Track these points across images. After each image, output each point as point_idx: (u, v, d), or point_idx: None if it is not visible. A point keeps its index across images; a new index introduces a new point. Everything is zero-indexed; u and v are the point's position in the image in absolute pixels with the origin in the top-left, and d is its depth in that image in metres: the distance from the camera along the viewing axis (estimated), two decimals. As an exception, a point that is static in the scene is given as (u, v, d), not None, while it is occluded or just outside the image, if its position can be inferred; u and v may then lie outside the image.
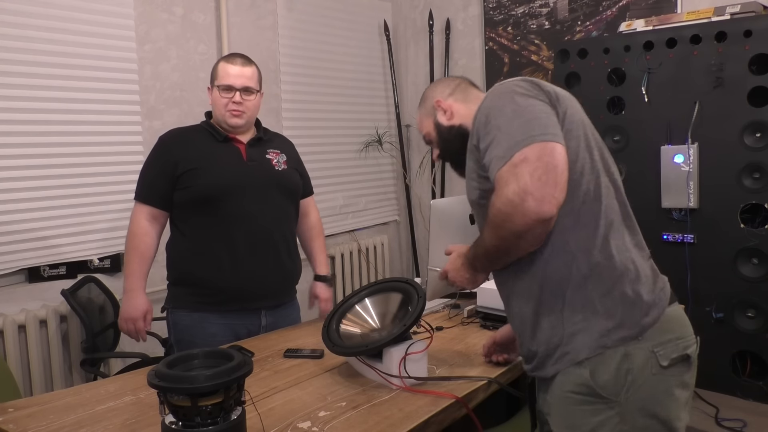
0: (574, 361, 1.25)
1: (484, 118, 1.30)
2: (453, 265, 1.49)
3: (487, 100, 1.33)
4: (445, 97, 1.55)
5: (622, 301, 1.25)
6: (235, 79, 2.06)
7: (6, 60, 2.46)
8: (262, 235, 2.08)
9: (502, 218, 1.22)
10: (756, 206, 2.67)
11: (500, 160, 1.22)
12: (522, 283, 1.34)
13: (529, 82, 1.33)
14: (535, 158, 1.18)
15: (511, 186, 1.19)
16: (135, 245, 2.07)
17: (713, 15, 2.75)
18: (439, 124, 1.54)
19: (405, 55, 4.43)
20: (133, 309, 2.05)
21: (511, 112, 1.26)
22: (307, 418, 1.39)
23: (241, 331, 2.10)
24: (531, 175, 1.17)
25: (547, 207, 1.17)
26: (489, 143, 1.27)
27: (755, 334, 2.68)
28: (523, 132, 1.22)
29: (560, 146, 1.22)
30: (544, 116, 1.25)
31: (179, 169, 2.04)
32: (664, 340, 1.25)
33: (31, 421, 1.41)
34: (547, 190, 1.17)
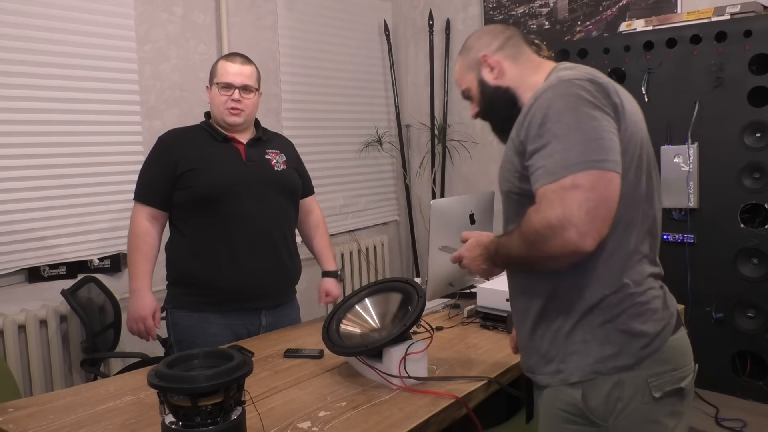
0: (566, 381, 1.23)
1: (539, 116, 1.18)
2: (470, 252, 1.41)
3: (548, 94, 1.20)
4: (494, 51, 1.39)
5: (624, 333, 1.20)
6: (234, 77, 2.06)
7: (6, 60, 2.46)
8: (261, 235, 2.08)
9: (538, 239, 1.14)
10: (756, 206, 2.67)
11: (549, 175, 1.13)
12: (531, 287, 1.29)
13: (598, 85, 1.20)
14: (589, 187, 1.09)
15: (555, 210, 1.10)
16: (138, 245, 2.07)
17: (713, 15, 2.75)
18: (484, 82, 1.41)
19: (405, 55, 4.43)
20: (142, 308, 2.04)
21: (573, 122, 1.14)
22: (307, 418, 1.39)
23: (241, 331, 2.10)
24: (580, 205, 1.09)
25: (589, 242, 1.09)
26: (540, 149, 1.16)
27: (755, 334, 2.68)
28: (582, 152, 1.12)
29: (618, 176, 1.13)
30: (608, 137, 1.14)
31: (179, 169, 2.04)
32: (660, 371, 1.20)
33: (31, 421, 1.41)
34: (594, 225, 1.09)
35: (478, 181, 4.17)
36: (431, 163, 4.26)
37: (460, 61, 1.48)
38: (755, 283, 2.67)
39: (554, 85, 1.21)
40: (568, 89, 1.18)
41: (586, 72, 1.24)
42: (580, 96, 1.17)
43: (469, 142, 4.15)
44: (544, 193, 1.14)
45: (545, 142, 1.15)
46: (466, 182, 4.23)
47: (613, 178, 1.12)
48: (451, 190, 4.27)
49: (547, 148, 1.15)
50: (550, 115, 1.16)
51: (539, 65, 1.39)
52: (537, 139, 1.17)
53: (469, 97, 1.47)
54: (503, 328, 1.97)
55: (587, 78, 1.20)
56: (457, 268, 2.23)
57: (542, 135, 1.16)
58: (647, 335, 1.20)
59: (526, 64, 1.38)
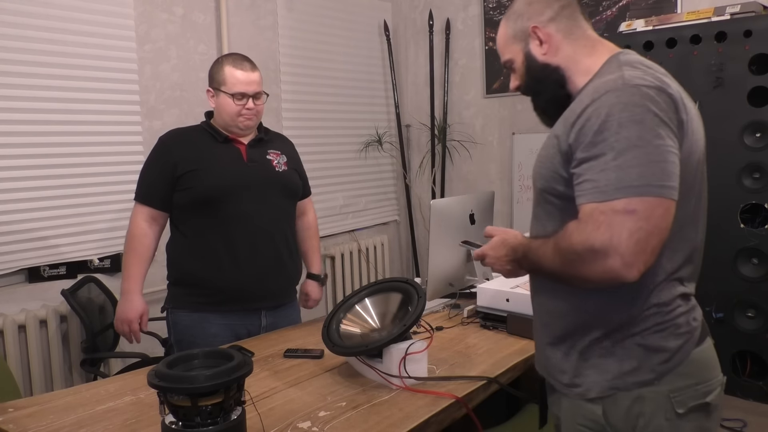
0: (584, 396, 1.17)
1: (597, 123, 1.06)
2: (495, 251, 1.32)
3: (610, 98, 1.07)
4: (545, 22, 1.24)
5: (643, 347, 1.14)
6: (248, 87, 2.04)
7: (6, 60, 2.46)
8: (262, 236, 2.08)
9: (576, 260, 1.06)
10: (756, 206, 2.67)
11: (599, 193, 1.03)
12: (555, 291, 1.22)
13: (668, 96, 1.08)
14: (643, 215, 1.00)
15: (601, 234, 1.02)
16: (133, 247, 2.08)
17: (713, 15, 2.75)
18: (531, 56, 1.27)
19: (405, 55, 4.43)
20: (129, 310, 2.06)
21: (636, 138, 1.03)
22: (307, 418, 1.39)
23: (241, 332, 2.10)
24: (631, 234, 1.00)
25: (634, 273, 1.01)
26: (591, 159, 1.06)
27: (755, 334, 2.68)
28: (642, 174, 1.01)
29: (674, 204, 1.04)
30: (671, 160, 1.04)
31: (179, 170, 2.04)
32: (683, 386, 1.13)
33: (31, 421, 1.41)
34: (642, 256, 1.01)
35: (478, 181, 4.17)
36: (431, 163, 4.26)
37: (505, 28, 1.31)
38: (755, 283, 2.67)
39: (618, 88, 1.08)
40: (633, 97, 1.06)
41: (655, 76, 1.10)
42: (647, 108, 1.05)
43: (469, 142, 4.15)
44: (590, 212, 1.04)
45: (599, 152, 1.05)
46: (466, 182, 4.23)
47: (670, 206, 1.03)
48: (451, 190, 4.27)
49: (601, 160, 1.04)
50: (609, 123, 1.05)
51: (595, 45, 1.25)
52: (590, 148, 1.06)
53: (512, 68, 1.33)
54: (503, 328, 1.97)
55: (657, 86, 1.08)
56: (457, 269, 2.25)
57: (597, 144, 1.05)
58: (668, 350, 1.13)
59: (581, 41, 1.24)
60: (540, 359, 1.31)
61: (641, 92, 1.06)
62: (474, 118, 4.14)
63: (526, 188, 3.90)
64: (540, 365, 1.32)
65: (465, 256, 2.28)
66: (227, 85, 2.04)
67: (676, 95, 1.10)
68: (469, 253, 2.28)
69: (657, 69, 1.16)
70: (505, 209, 3.99)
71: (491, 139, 4.08)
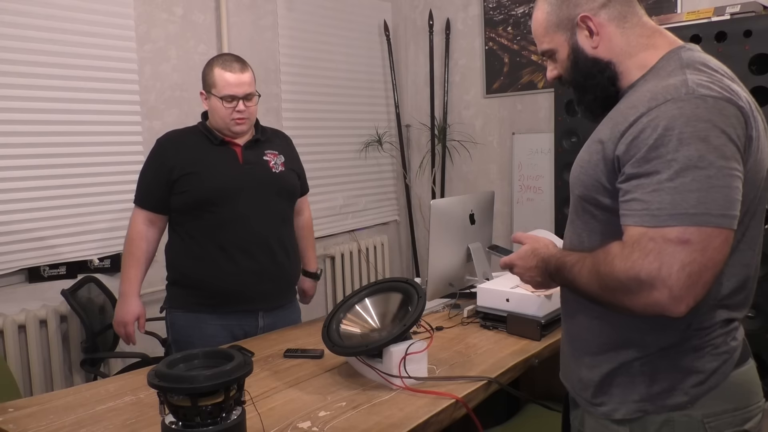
0: (609, 417, 1.10)
1: (653, 135, 0.94)
2: (524, 262, 1.24)
3: (671, 109, 0.95)
4: (596, 10, 1.10)
5: (677, 369, 1.05)
6: (237, 89, 2.02)
7: (6, 60, 2.46)
8: (258, 238, 2.08)
9: (619, 288, 0.97)
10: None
11: (650, 217, 0.93)
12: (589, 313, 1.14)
13: (738, 110, 0.96)
14: (699, 248, 0.90)
15: (650, 264, 0.92)
16: (131, 250, 2.09)
17: (713, 15, 2.75)
18: (579, 48, 1.13)
19: (405, 55, 4.43)
20: (126, 313, 2.07)
21: (697, 158, 0.91)
22: (307, 418, 1.39)
23: (238, 332, 2.11)
24: (683, 267, 0.90)
25: (681, 308, 0.92)
26: (643, 176, 0.95)
27: (755, 334, 2.68)
28: (702, 201, 0.91)
29: (732, 234, 0.94)
30: (735, 185, 0.93)
31: (174, 174, 2.04)
32: (719, 411, 1.04)
33: (31, 421, 1.41)
34: (693, 291, 0.91)
35: (478, 181, 4.17)
36: (431, 163, 4.26)
37: (544, 12, 1.16)
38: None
39: (681, 98, 0.95)
40: (698, 110, 0.94)
41: (723, 85, 0.98)
42: (714, 124, 0.93)
43: (469, 142, 4.15)
44: (638, 238, 0.94)
45: (653, 170, 0.94)
46: (466, 182, 4.23)
47: (729, 237, 0.93)
48: (451, 190, 4.27)
49: (654, 179, 0.94)
50: (668, 139, 0.93)
51: (653, 36, 1.12)
52: (643, 164, 0.95)
53: (552, 57, 1.18)
54: (503, 328, 1.97)
55: (726, 97, 0.96)
56: (457, 269, 2.25)
57: (650, 160, 0.94)
58: (703, 371, 1.04)
59: (636, 31, 1.10)
60: (565, 371, 1.25)
61: (707, 104, 0.94)
62: (474, 118, 4.14)
63: (526, 188, 3.90)
64: (564, 377, 1.26)
65: (465, 256, 2.28)
66: (217, 88, 2.03)
67: (747, 108, 0.98)
68: (469, 254, 2.28)
69: (724, 72, 1.05)
70: (505, 209, 3.99)
71: (491, 139, 4.08)
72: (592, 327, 1.15)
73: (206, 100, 2.09)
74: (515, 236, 1.31)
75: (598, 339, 1.14)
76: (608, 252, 0.99)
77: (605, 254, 1.00)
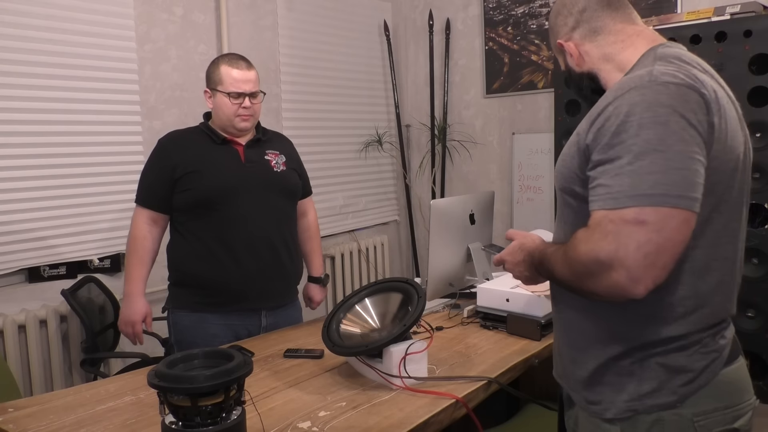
0: (600, 415, 1.11)
1: (615, 122, 0.99)
2: (513, 257, 1.27)
3: (633, 96, 0.99)
4: (568, 34, 1.22)
5: (664, 367, 1.06)
6: (244, 85, 2.04)
7: (6, 60, 2.46)
8: (260, 237, 2.09)
9: (582, 272, 0.99)
10: (756, 206, 2.67)
11: (611, 200, 0.96)
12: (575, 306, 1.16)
13: (699, 95, 0.98)
14: (655, 228, 0.92)
15: (607, 244, 0.94)
16: (134, 249, 2.09)
17: (713, 15, 2.75)
18: (569, 67, 1.26)
19: (405, 55, 4.43)
20: (132, 313, 2.07)
21: (656, 141, 0.94)
22: (307, 418, 1.39)
23: (241, 332, 2.11)
24: (639, 247, 0.92)
25: (640, 289, 0.94)
26: (607, 162, 0.99)
27: (755, 334, 2.69)
28: (658, 182, 0.93)
29: (693, 217, 0.95)
30: (694, 168, 0.95)
31: (177, 172, 2.04)
32: (709, 410, 1.04)
33: (31, 421, 1.41)
34: (650, 271, 0.93)
35: (478, 181, 4.17)
36: (431, 163, 4.26)
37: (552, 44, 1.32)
38: (755, 283, 2.67)
39: (643, 85, 0.99)
40: (659, 96, 0.97)
41: (689, 73, 1.01)
42: (674, 109, 0.96)
43: (469, 142, 4.15)
44: (599, 220, 0.97)
45: (615, 156, 0.97)
46: (466, 182, 4.23)
47: (688, 218, 0.94)
48: (451, 190, 4.27)
49: (616, 164, 0.97)
50: (629, 124, 0.97)
51: (629, 38, 1.18)
52: (606, 150, 0.99)
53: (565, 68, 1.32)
54: (503, 328, 1.97)
55: (688, 83, 0.99)
56: (457, 269, 2.25)
57: (613, 146, 0.98)
58: (692, 370, 1.04)
59: (610, 39, 1.18)
60: (558, 368, 1.26)
61: (668, 90, 0.97)
62: (474, 118, 4.14)
63: (526, 188, 3.90)
64: (557, 374, 1.27)
65: (465, 256, 2.28)
66: (224, 85, 2.04)
67: (710, 95, 1.00)
68: (469, 254, 2.28)
69: (697, 64, 1.08)
70: (505, 209, 4.00)
71: (491, 139, 4.08)
72: (577, 321, 1.16)
73: (210, 98, 2.09)
74: (508, 233, 1.35)
75: (582, 333, 1.15)
76: (574, 237, 1.02)
77: (572, 239, 1.03)
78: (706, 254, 1.04)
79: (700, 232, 1.02)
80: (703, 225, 1.02)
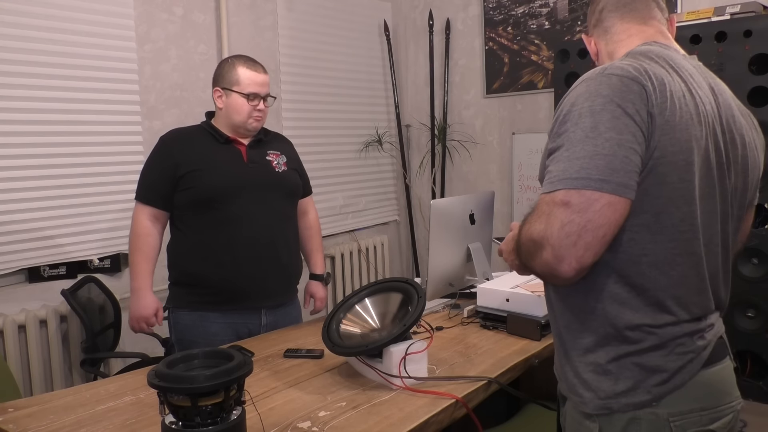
0: (581, 410, 1.12)
1: (563, 113, 1.05)
2: (506, 245, 1.28)
3: (581, 87, 1.05)
4: (591, 30, 1.30)
5: (641, 368, 1.06)
6: (261, 88, 2.09)
7: (6, 60, 2.46)
8: (262, 236, 2.09)
9: (525, 251, 1.05)
10: (756, 206, 2.67)
11: (549, 183, 1.02)
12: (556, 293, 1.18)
13: (640, 86, 1.02)
14: (577, 209, 0.97)
15: (540, 224, 1.01)
16: (139, 245, 2.08)
17: (713, 15, 2.75)
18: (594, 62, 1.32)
19: (405, 55, 4.43)
20: (144, 308, 2.06)
21: (590, 129, 1.00)
22: (307, 418, 1.39)
23: (242, 331, 2.11)
24: (562, 227, 0.97)
25: (565, 268, 0.98)
26: (554, 150, 1.05)
27: (755, 334, 2.69)
28: (584, 167, 0.98)
29: (622, 201, 0.98)
30: (622, 155, 0.98)
31: (180, 170, 2.04)
32: (685, 410, 1.05)
33: (31, 421, 1.41)
34: (572, 251, 0.97)
35: (478, 181, 4.17)
36: (431, 163, 4.26)
37: None
38: (755, 283, 2.67)
39: (592, 77, 1.06)
40: (600, 87, 1.03)
41: (639, 66, 1.05)
42: (610, 98, 1.01)
43: (469, 142, 4.16)
44: (538, 203, 1.04)
45: (560, 144, 1.04)
46: (466, 182, 4.23)
47: (614, 203, 0.97)
48: (451, 190, 4.27)
49: (559, 151, 1.03)
50: (572, 114, 1.03)
51: (629, 38, 1.23)
52: (555, 138, 1.05)
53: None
54: (503, 328, 1.97)
55: (631, 75, 1.03)
56: (457, 269, 2.25)
57: (560, 135, 1.04)
58: (666, 370, 1.05)
59: (616, 37, 1.23)
60: (555, 360, 1.27)
61: (610, 82, 1.02)
62: (474, 118, 4.14)
63: (526, 188, 3.90)
64: (554, 366, 1.28)
65: (465, 256, 2.28)
66: (241, 86, 2.06)
67: (652, 87, 1.02)
68: (469, 254, 2.28)
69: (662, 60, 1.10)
70: (505, 209, 3.99)
71: (491, 139, 4.08)
72: (560, 311, 1.18)
73: (221, 98, 2.09)
74: (512, 226, 1.35)
75: (557, 322, 1.18)
76: (523, 220, 1.09)
77: (522, 223, 1.09)
78: (666, 248, 1.05)
79: (658, 226, 1.04)
80: (658, 217, 1.04)
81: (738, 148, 1.16)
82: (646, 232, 1.04)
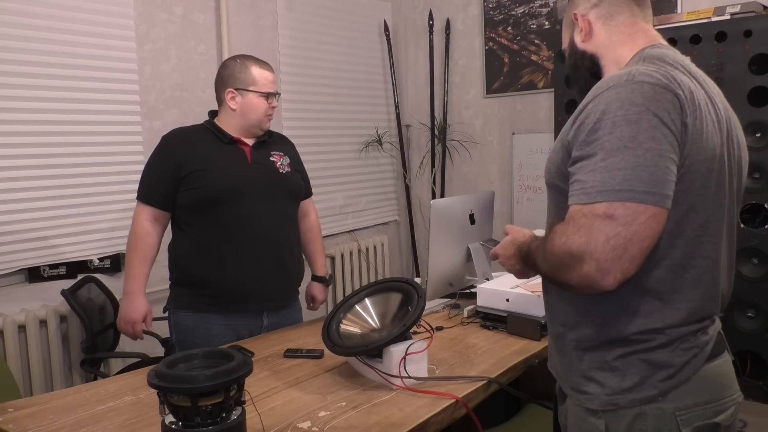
0: (585, 405, 1.13)
1: (592, 119, 1.02)
2: (505, 250, 1.30)
3: (610, 94, 1.02)
4: (587, 9, 1.24)
5: (647, 364, 1.08)
6: (273, 86, 2.13)
7: (6, 60, 2.46)
8: (264, 237, 2.09)
9: (557, 264, 1.03)
10: (756, 206, 2.67)
11: (584, 195, 1.00)
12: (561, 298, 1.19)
13: (673, 95, 1.01)
14: (623, 222, 0.96)
15: (579, 237, 0.98)
16: (136, 246, 2.07)
17: (713, 15, 2.75)
18: (573, 42, 1.27)
19: (405, 55, 4.43)
20: (132, 311, 2.05)
21: (628, 139, 0.98)
22: (307, 418, 1.39)
23: (243, 332, 2.11)
24: (607, 240, 0.96)
25: (609, 281, 0.97)
26: (583, 158, 1.02)
27: (755, 334, 2.68)
28: (627, 178, 0.97)
29: (664, 213, 0.98)
30: (664, 165, 0.98)
31: (183, 170, 2.03)
32: (690, 404, 1.07)
33: (31, 421, 1.41)
34: (618, 263, 0.96)
35: (478, 181, 4.17)
36: (431, 163, 4.26)
37: (563, 15, 1.33)
38: (755, 283, 2.67)
39: (620, 84, 1.03)
40: (633, 94, 1.01)
41: (666, 73, 1.04)
42: (645, 107, 0.99)
43: (469, 142, 4.15)
44: (573, 215, 1.01)
45: (591, 152, 1.01)
46: (466, 182, 4.23)
47: (657, 214, 0.97)
48: (451, 190, 4.27)
49: (591, 160, 1.00)
50: (604, 122, 1.00)
51: (634, 35, 1.21)
52: (584, 147, 1.03)
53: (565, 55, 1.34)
54: (503, 328, 1.97)
55: (663, 83, 1.02)
56: (457, 269, 2.25)
57: (590, 143, 1.01)
58: (672, 365, 1.07)
59: (619, 29, 1.20)
60: (551, 359, 1.29)
61: (643, 90, 1.01)
62: (474, 118, 4.14)
63: (526, 188, 3.90)
64: (550, 364, 1.30)
65: (465, 256, 2.28)
66: (258, 85, 2.08)
67: (684, 96, 1.02)
68: (469, 254, 2.28)
69: (680, 66, 1.10)
70: (505, 209, 3.99)
71: (491, 139, 4.08)
72: (563, 312, 1.19)
73: (234, 99, 2.08)
74: (506, 228, 1.38)
75: (565, 324, 1.18)
76: (552, 231, 1.06)
77: (550, 233, 1.07)
78: (685, 252, 1.06)
79: (678, 231, 1.05)
80: (680, 223, 1.05)
81: (736, 150, 1.18)
82: (667, 237, 1.04)
